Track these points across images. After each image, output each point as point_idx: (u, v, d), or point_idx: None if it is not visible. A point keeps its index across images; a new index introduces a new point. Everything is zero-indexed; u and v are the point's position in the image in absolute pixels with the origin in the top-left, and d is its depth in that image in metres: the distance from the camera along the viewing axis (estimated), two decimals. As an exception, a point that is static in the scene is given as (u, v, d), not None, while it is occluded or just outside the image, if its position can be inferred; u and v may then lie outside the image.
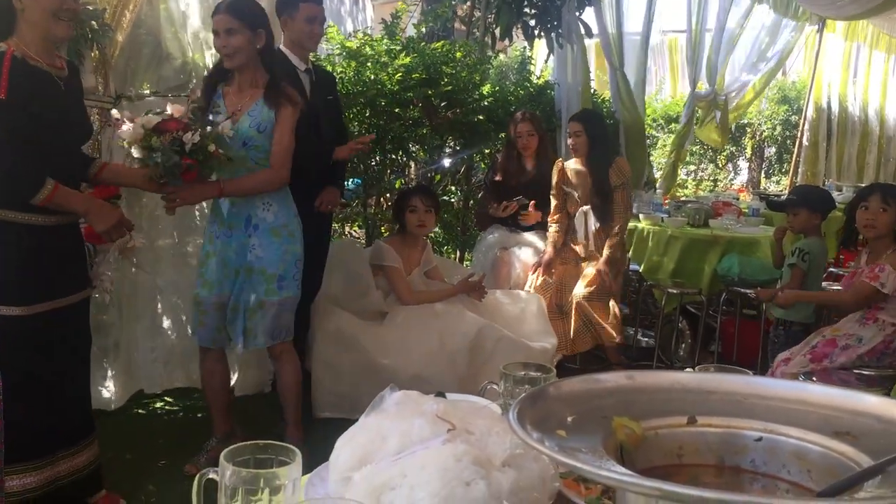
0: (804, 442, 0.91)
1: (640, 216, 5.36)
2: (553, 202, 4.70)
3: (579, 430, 0.90)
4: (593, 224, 4.57)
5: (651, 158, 7.53)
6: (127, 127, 2.66)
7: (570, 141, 4.63)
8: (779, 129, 11.26)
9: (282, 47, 3.76)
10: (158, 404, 4.09)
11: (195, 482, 1.06)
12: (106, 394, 3.89)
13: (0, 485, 2.37)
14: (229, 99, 3.14)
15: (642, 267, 5.21)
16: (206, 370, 3.35)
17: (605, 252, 4.50)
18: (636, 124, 6.56)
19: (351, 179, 5.15)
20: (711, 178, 11.45)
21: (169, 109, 2.76)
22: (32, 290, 2.54)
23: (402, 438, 1.12)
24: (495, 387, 1.49)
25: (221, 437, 3.34)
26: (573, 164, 4.69)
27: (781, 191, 9.36)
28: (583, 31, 6.23)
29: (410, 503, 1.02)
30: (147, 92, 3.83)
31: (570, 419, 0.92)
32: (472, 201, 5.76)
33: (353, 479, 1.09)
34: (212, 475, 1.05)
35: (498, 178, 4.87)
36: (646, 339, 5.36)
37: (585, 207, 4.60)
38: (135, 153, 2.70)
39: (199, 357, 3.37)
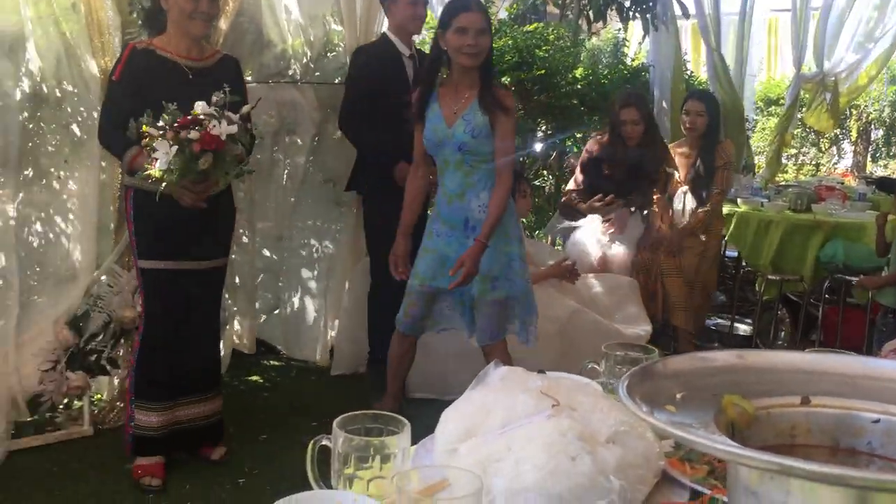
0: (925, 424, 0.89)
1: (739, 201, 5.21)
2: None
3: (689, 406, 0.90)
4: (691, 203, 4.50)
5: (750, 142, 7.29)
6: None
7: (687, 119, 4.52)
8: (887, 110, 10.73)
9: (387, 32, 3.81)
10: (254, 378, 4.24)
11: (309, 448, 1.11)
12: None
13: (131, 413, 3.03)
14: (444, 101, 3.10)
15: (744, 251, 5.07)
16: (398, 353, 3.40)
17: (690, 220, 4.48)
18: (734, 107, 6.38)
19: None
20: (813, 163, 11.03)
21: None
22: (175, 248, 2.93)
23: (507, 412, 1.14)
24: (596, 366, 1.50)
25: (391, 402, 3.39)
26: (677, 146, 4.68)
27: (890, 174, 8.94)
28: (679, 12, 6.09)
29: (516, 475, 1.03)
30: (249, 79, 3.94)
31: (678, 396, 0.92)
32: (564, 185, 5.71)
33: (459, 451, 1.12)
34: (325, 442, 1.10)
35: (607, 171, 4.50)
36: (743, 326, 5.22)
37: (685, 188, 4.54)
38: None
39: (394, 339, 3.40)
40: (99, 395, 3.63)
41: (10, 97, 3.24)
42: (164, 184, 2.65)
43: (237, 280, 4.26)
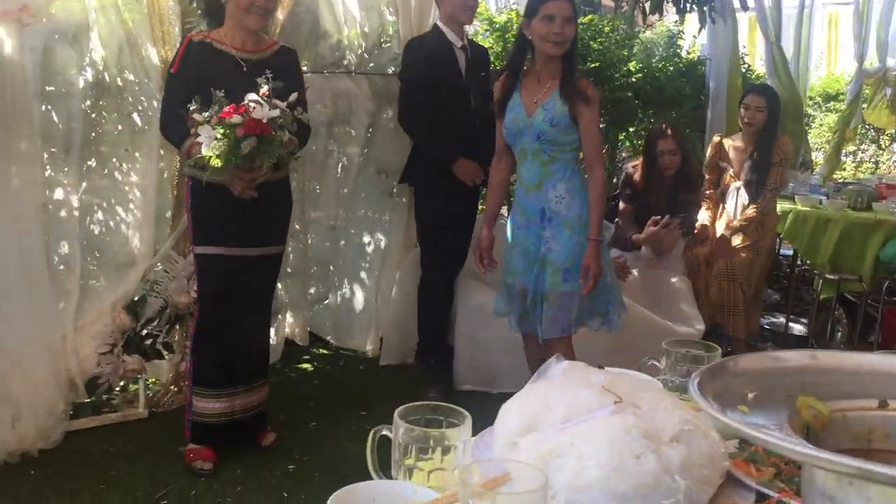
0: None
1: (796, 198, 5.09)
2: (706, 178, 4.55)
3: (762, 407, 0.88)
4: (744, 199, 4.40)
5: (808, 137, 7.11)
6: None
7: (746, 114, 4.39)
8: (953, 106, 10.37)
9: (438, 23, 3.80)
10: (304, 367, 4.28)
11: (369, 437, 1.11)
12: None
13: (190, 400, 3.09)
14: (527, 89, 3.07)
15: (801, 249, 4.95)
16: (528, 354, 3.34)
17: (737, 222, 4.35)
18: (793, 101, 6.23)
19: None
20: (872, 160, 10.72)
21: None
22: (229, 235, 2.97)
23: (569, 408, 1.12)
24: (656, 363, 1.47)
25: None
26: (732, 140, 4.55)
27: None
28: (737, 4, 5.96)
29: (579, 471, 1.02)
30: (305, 69, 3.96)
31: (750, 396, 0.90)
32: (615, 178, 5.65)
33: (520, 445, 1.10)
34: (385, 432, 1.10)
35: (648, 203, 4.39)
36: (798, 326, 5.11)
37: (738, 183, 4.43)
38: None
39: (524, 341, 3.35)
40: (154, 380, 3.70)
41: (74, 85, 3.31)
42: (209, 170, 2.68)
43: (289, 270, 4.30)
